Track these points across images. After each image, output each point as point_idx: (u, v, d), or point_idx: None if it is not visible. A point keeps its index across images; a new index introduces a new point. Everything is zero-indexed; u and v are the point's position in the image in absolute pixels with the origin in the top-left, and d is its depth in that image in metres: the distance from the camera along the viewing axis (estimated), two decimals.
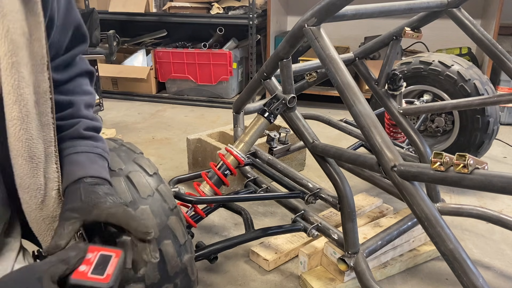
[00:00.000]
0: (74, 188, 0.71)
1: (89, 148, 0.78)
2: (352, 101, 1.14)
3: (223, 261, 1.62)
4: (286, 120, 1.45)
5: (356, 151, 1.24)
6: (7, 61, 0.62)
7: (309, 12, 1.25)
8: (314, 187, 1.52)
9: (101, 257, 0.59)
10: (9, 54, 0.61)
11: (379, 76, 1.75)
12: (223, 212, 1.88)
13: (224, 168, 1.44)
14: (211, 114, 3.35)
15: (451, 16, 1.59)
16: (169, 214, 0.89)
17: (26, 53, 0.64)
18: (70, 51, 0.81)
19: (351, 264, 1.32)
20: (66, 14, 0.76)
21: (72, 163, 0.75)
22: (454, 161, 0.89)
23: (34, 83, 0.66)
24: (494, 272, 1.58)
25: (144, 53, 3.70)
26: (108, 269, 0.58)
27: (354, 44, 3.53)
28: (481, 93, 1.98)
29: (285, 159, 2.24)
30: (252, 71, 3.44)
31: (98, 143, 0.80)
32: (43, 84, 0.67)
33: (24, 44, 0.63)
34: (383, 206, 1.86)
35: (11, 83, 0.63)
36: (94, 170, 0.75)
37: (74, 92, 0.82)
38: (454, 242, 0.93)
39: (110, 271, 0.57)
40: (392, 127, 2.06)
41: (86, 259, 0.58)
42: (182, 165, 2.41)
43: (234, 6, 3.42)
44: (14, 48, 0.62)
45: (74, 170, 0.74)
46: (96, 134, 0.81)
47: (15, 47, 0.62)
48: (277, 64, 1.42)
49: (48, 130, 0.70)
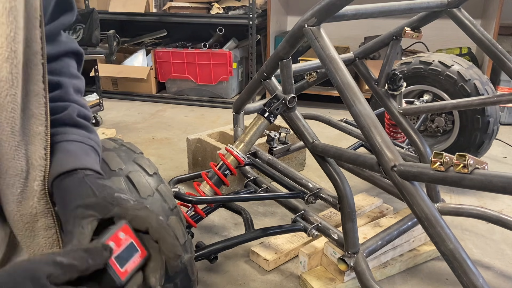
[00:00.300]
0: (75, 180, 0.60)
1: (82, 138, 0.68)
2: (352, 101, 1.14)
3: (223, 261, 1.62)
4: (286, 120, 1.45)
5: (356, 151, 1.24)
6: (4, 4, 0.52)
7: (309, 12, 1.25)
8: (314, 187, 1.52)
9: (130, 246, 0.53)
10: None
11: (379, 76, 1.75)
12: (223, 212, 1.88)
13: (224, 168, 1.44)
14: (211, 114, 3.35)
15: (451, 16, 1.59)
16: (169, 214, 0.89)
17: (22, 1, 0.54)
18: (55, 20, 0.70)
19: (351, 264, 1.32)
20: None
21: (63, 152, 0.64)
22: (454, 161, 0.89)
23: (26, 40, 0.56)
24: (494, 272, 1.58)
25: (144, 53, 3.70)
26: (129, 264, 0.52)
27: (354, 44, 3.53)
28: (481, 93, 1.98)
29: (285, 159, 2.24)
30: (252, 71, 3.44)
31: (91, 135, 0.70)
32: (34, 43, 0.57)
33: None
34: (383, 206, 1.86)
35: (6, 33, 0.53)
36: (88, 162, 0.64)
37: (62, 73, 0.71)
38: (454, 242, 0.93)
39: (129, 268, 0.52)
40: (392, 127, 2.06)
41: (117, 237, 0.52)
42: (182, 165, 2.41)
43: (234, 6, 3.42)
44: None
45: (67, 159, 0.62)
46: (89, 123, 0.72)
47: None
48: (277, 64, 1.42)
49: (38, 104, 0.59)
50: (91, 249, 0.48)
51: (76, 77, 0.74)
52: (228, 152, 1.46)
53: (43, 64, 0.59)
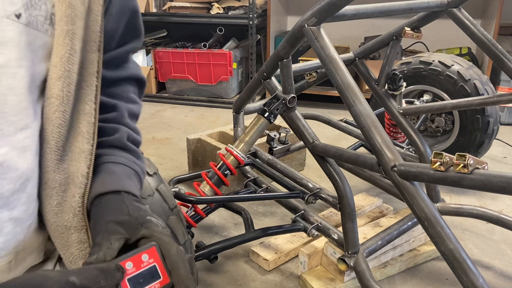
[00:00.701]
0: (115, 199, 0.61)
1: (128, 162, 0.68)
2: (352, 101, 1.14)
3: (223, 261, 1.62)
4: (286, 120, 1.45)
5: (356, 151, 1.24)
6: (62, 27, 0.55)
7: (309, 12, 1.25)
8: (314, 187, 1.52)
9: (151, 270, 0.52)
10: (65, 19, 0.55)
11: (379, 76, 1.75)
12: (223, 212, 1.88)
13: (224, 168, 1.44)
14: (211, 114, 3.35)
15: (451, 16, 1.59)
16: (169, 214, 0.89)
17: (82, 25, 0.57)
18: (122, 46, 0.72)
19: (351, 264, 1.32)
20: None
21: (107, 172, 0.65)
22: (454, 161, 0.89)
23: (81, 62, 0.59)
24: (494, 272, 1.58)
25: (144, 53, 3.70)
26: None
27: (354, 44, 3.53)
28: (481, 93, 1.98)
29: (285, 159, 2.24)
30: (252, 71, 3.44)
31: (137, 160, 0.71)
32: (91, 65, 0.60)
33: (82, 14, 0.57)
34: (383, 206, 1.86)
35: (61, 54, 0.56)
36: (130, 186, 0.65)
37: (120, 96, 0.73)
38: (454, 242, 0.93)
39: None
40: (392, 127, 2.06)
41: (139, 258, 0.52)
42: (182, 165, 2.41)
43: (234, 6, 3.42)
44: (72, 15, 0.55)
45: (110, 180, 0.64)
46: (137, 149, 0.73)
47: (73, 14, 0.55)
48: (277, 64, 1.42)
49: (86, 123, 0.61)
50: (105, 269, 0.49)
51: (133, 102, 0.75)
52: (228, 152, 1.46)
53: (97, 86, 0.62)
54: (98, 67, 0.61)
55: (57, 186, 0.61)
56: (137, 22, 0.73)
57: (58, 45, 0.56)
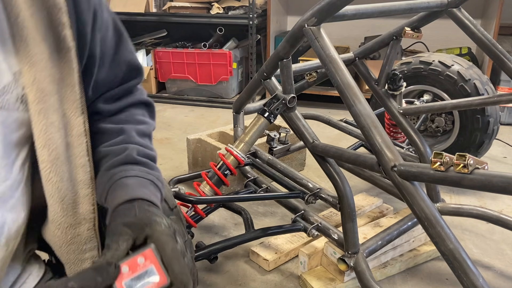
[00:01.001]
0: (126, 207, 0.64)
1: (140, 173, 0.71)
2: (352, 101, 1.14)
3: (223, 261, 1.62)
4: (286, 120, 1.45)
5: (356, 151, 1.24)
6: (34, 108, 0.63)
7: (309, 12, 1.25)
8: (314, 187, 1.52)
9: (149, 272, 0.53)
10: (36, 101, 0.62)
11: (379, 76, 1.75)
12: (223, 212, 1.88)
13: (224, 168, 1.44)
14: (211, 114, 3.35)
15: (451, 16, 1.59)
16: (169, 214, 0.89)
17: (57, 99, 0.64)
18: (123, 84, 0.79)
19: (351, 264, 1.32)
20: (116, 51, 0.75)
21: (121, 186, 0.68)
22: (454, 161, 0.89)
23: (66, 127, 0.66)
24: (494, 272, 1.58)
25: (144, 53, 3.70)
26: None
27: (354, 44, 3.53)
28: (481, 93, 1.98)
29: (285, 159, 2.24)
30: (252, 71, 3.44)
31: (151, 170, 0.73)
32: (77, 127, 0.67)
33: (54, 90, 0.64)
34: (383, 206, 1.86)
35: (39, 128, 0.64)
36: (144, 194, 0.67)
37: (126, 121, 0.78)
38: (454, 242, 0.93)
39: None
40: (392, 127, 2.06)
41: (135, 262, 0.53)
42: (182, 165, 2.41)
43: (234, 6, 3.42)
44: (41, 96, 0.63)
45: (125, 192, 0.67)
46: (149, 161, 0.76)
47: (42, 95, 0.63)
48: (277, 64, 1.42)
49: (83, 172, 0.69)
50: (98, 267, 0.53)
51: (141, 122, 0.80)
52: (228, 152, 1.46)
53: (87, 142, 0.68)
54: (85, 126, 0.68)
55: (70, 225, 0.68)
56: (135, 65, 0.79)
57: (35, 122, 0.63)
